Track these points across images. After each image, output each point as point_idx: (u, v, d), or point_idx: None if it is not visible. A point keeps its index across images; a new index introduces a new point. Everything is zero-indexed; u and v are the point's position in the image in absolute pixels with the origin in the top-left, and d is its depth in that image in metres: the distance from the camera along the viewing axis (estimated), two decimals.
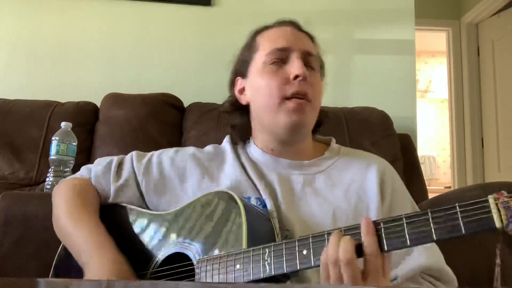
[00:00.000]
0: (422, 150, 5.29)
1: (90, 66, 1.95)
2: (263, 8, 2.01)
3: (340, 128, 1.64)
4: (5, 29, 1.96)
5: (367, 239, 0.58)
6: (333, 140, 0.96)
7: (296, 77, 0.82)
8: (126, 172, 0.91)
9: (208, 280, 0.68)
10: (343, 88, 1.95)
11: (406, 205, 0.86)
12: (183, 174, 0.89)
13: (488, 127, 3.46)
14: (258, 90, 0.87)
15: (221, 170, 0.90)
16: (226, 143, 0.96)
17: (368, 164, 0.88)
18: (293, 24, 0.92)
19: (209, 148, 0.97)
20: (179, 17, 2.01)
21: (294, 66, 0.83)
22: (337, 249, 0.58)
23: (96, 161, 0.96)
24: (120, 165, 0.92)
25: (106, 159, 0.94)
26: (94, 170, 0.92)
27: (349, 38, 2.02)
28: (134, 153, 0.95)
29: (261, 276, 0.64)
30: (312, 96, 0.84)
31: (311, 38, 0.93)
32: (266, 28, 0.93)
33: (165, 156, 0.93)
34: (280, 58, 0.85)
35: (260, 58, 0.88)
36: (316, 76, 0.88)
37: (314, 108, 0.86)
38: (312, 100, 0.84)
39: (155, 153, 0.94)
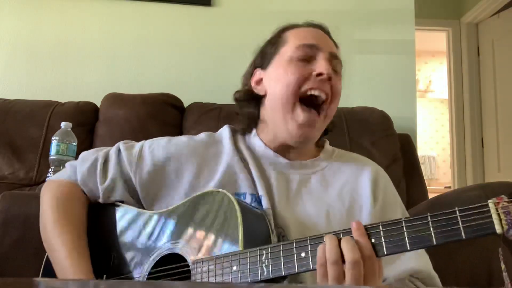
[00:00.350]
0: (422, 150, 5.28)
1: (90, 66, 1.95)
2: (263, 8, 2.01)
3: (340, 128, 1.64)
4: (5, 29, 1.96)
5: (361, 241, 0.59)
6: (327, 142, 0.97)
7: (319, 74, 0.83)
8: (112, 170, 0.87)
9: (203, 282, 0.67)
10: (343, 88, 1.94)
11: (396, 209, 0.87)
12: (179, 166, 0.87)
13: (488, 127, 3.46)
14: (278, 80, 0.86)
15: (219, 160, 0.88)
16: (225, 132, 0.94)
17: (362, 167, 0.90)
18: (322, 28, 0.93)
19: (202, 135, 0.94)
20: (179, 17, 2.01)
21: (320, 64, 0.84)
22: (338, 250, 0.59)
23: (80, 156, 0.92)
24: (105, 163, 0.89)
25: (91, 155, 0.91)
26: (79, 170, 0.88)
27: (349, 38, 2.02)
28: (121, 145, 0.92)
29: (259, 278, 0.63)
30: (331, 98, 0.86)
31: (336, 46, 0.94)
32: (295, 25, 0.93)
33: (158, 146, 0.90)
34: (308, 55, 0.86)
35: (286, 52, 0.88)
36: (339, 79, 0.90)
37: (327, 118, 0.88)
38: (329, 103, 0.86)
39: (146, 144, 0.91)
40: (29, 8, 1.98)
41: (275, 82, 0.87)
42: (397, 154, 1.63)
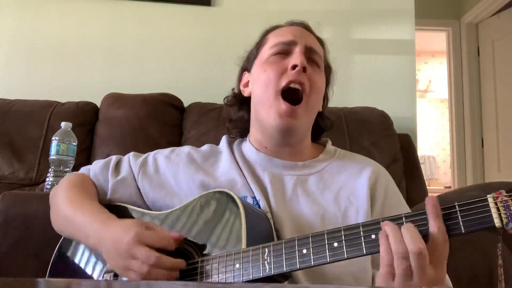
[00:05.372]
0: (422, 150, 5.29)
1: (90, 66, 1.95)
2: (263, 8, 2.01)
3: (340, 128, 1.64)
4: (5, 29, 1.96)
5: (437, 223, 0.55)
6: (329, 142, 0.96)
7: (294, 67, 0.83)
8: (124, 168, 0.93)
9: (207, 279, 0.68)
10: (343, 88, 1.95)
11: (401, 210, 0.85)
12: (177, 170, 0.90)
13: (488, 127, 3.46)
14: (258, 80, 0.89)
15: (216, 167, 0.90)
16: (223, 142, 0.97)
17: (362, 168, 0.88)
18: (303, 25, 0.94)
19: (205, 147, 0.98)
20: (179, 17, 2.01)
21: (295, 57, 0.84)
22: (403, 241, 0.55)
23: (94, 163, 0.97)
24: (118, 163, 0.94)
25: (104, 159, 0.96)
26: (92, 168, 0.94)
27: (349, 38, 2.02)
28: (131, 153, 0.97)
29: (261, 275, 0.64)
30: (309, 90, 0.84)
31: (320, 41, 0.94)
32: (277, 27, 0.96)
33: (161, 155, 0.95)
34: (283, 51, 0.87)
35: (264, 51, 0.91)
36: (318, 72, 0.88)
37: (308, 108, 0.86)
38: (307, 94, 0.84)
39: (151, 153, 0.96)
40: (29, 8, 1.98)
41: (257, 81, 0.90)
42: (397, 154, 1.63)
